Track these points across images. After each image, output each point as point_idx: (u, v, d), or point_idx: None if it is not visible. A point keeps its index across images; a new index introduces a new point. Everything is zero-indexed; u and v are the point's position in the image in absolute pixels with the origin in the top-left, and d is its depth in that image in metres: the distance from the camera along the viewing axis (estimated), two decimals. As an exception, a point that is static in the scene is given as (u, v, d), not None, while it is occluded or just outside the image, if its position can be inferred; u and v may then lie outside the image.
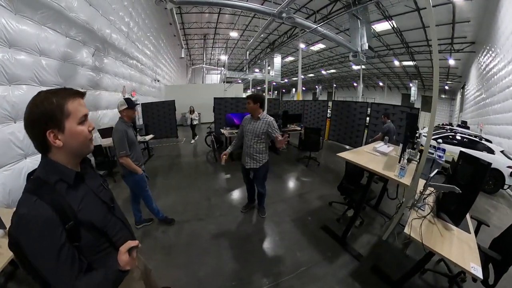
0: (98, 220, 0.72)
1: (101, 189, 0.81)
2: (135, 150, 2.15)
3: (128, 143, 2.01)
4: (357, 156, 2.23)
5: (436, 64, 1.31)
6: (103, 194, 0.80)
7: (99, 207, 0.75)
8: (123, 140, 1.97)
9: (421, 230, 1.38)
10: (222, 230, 2.55)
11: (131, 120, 2.13)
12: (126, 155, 1.99)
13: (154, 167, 4.86)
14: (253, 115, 2.36)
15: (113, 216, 0.81)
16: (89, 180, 0.77)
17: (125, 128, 2.01)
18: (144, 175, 2.26)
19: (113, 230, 0.78)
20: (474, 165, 1.38)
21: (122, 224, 0.85)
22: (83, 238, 0.66)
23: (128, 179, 2.17)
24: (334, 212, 2.96)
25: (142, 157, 2.30)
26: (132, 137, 2.09)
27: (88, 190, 0.74)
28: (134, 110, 2.13)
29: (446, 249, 1.29)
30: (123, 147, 1.97)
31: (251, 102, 2.28)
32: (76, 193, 0.68)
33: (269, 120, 2.30)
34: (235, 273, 1.95)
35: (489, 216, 3.23)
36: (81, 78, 3.79)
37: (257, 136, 2.32)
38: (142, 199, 2.35)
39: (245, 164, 2.48)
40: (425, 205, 1.66)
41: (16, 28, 2.45)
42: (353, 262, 2.09)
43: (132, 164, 2.05)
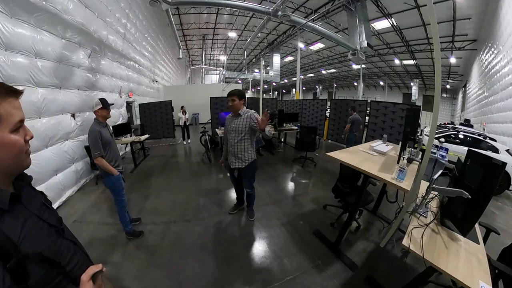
0: (47, 248, 0.57)
1: (44, 209, 0.66)
2: (111, 150, 2.13)
3: (103, 143, 2.01)
4: (350, 155, 2.03)
5: (438, 60, 1.13)
6: (48, 216, 0.65)
7: (46, 233, 0.61)
8: (96, 141, 1.97)
9: (423, 241, 1.19)
10: (208, 233, 2.46)
11: (105, 120, 2.13)
12: (100, 155, 2.00)
13: (148, 167, 4.85)
14: (234, 112, 2.22)
15: (64, 239, 0.67)
16: (28, 200, 0.62)
17: (99, 128, 2.01)
18: (121, 177, 2.21)
19: (67, 257, 0.64)
20: (485, 166, 1.18)
21: (76, 247, 0.71)
22: (32, 275, 0.51)
23: (105, 180, 2.15)
24: (328, 216, 2.78)
25: (119, 158, 2.25)
26: (106, 137, 2.07)
27: (29, 213, 0.59)
28: (108, 110, 2.13)
29: (451, 265, 1.09)
30: (97, 148, 1.98)
31: (236, 99, 2.16)
32: (15, 220, 0.54)
33: (249, 114, 2.19)
34: (216, 278, 1.86)
35: (494, 218, 3.08)
36: (77, 79, 3.81)
37: (240, 133, 2.21)
38: (116, 204, 2.26)
39: (230, 164, 2.36)
40: (428, 211, 1.46)
41: (12, 31, 2.51)
42: (346, 272, 1.90)
43: (106, 165, 2.03)
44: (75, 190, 3.51)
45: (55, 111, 3.22)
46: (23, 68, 2.66)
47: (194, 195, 3.39)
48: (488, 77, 7.75)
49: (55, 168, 3.13)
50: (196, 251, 2.16)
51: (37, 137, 2.79)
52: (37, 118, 2.87)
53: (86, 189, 3.67)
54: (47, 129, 3.00)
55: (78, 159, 3.71)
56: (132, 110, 7.19)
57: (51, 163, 3.05)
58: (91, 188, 3.68)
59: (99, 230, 2.51)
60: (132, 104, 7.14)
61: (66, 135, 3.45)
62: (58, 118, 3.27)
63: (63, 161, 3.31)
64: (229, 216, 2.77)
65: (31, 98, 2.77)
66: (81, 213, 2.89)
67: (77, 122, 3.72)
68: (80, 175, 3.73)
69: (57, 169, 3.18)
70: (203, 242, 2.30)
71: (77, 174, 3.63)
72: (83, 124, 3.85)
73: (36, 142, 2.80)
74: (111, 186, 2.15)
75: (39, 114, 2.90)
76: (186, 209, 2.95)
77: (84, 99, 3.94)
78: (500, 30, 6.55)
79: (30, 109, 2.74)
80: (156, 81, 10.48)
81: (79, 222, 2.66)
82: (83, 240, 2.21)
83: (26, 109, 2.65)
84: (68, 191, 3.33)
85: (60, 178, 3.20)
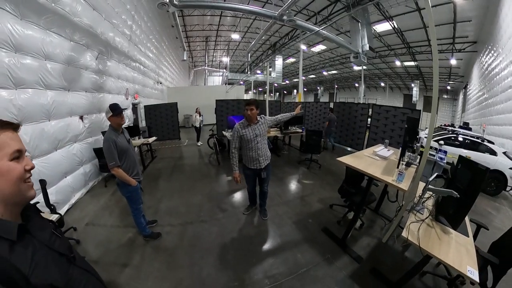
0: (58, 279, 0.56)
1: (55, 239, 0.65)
2: (128, 159, 2.03)
3: (118, 152, 1.91)
4: (356, 160, 2.26)
5: (436, 65, 1.34)
6: (58, 245, 0.64)
7: (57, 262, 0.60)
8: (111, 150, 1.87)
9: (419, 233, 1.41)
10: (224, 232, 2.59)
11: (120, 126, 2.00)
12: (116, 166, 1.89)
13: (157, 169, 4.93)
14: (251, 120, 2.38)
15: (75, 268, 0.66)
16: (37, 231, 0.61)
17: (113, 137, 1.90)
18: (139, 187, 2.16)
19: (79, 286, 0.64)
20: (472, 170, 1.40)
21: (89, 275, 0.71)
22: None
23: (122, 190, 2.09)
24: (334, 214, 2.99)
25: (137, 165, 2.16)
26: (122, 145, 1.96)
27: (38, 243, 0.58)
28: (122, 116, 1.97)
29: (443, 253, 1.31)
30: (112, 158, 1.87)
31: (254, 108, 2.31)
32: (24, 251, 0.53)
33: (266, 118, 2.50)
34: (237, 273, 1.99)
35: (491, 218, 3.21)
36: (85, 81, 3.85)
37: (264, 136, 2.46)
38: (131, 211, 2.26)
39: (258, 166, 2.46)
40: (424, 209, 1.68)
41: (22, 33, 2.50)
42: (353, 264, 2.11)
43: (124, 175, 1.95)
44: (84, 192, 3.54)
45: (64, 113, 3.23)
46: (33, 70, 2.65)
47: (207, 196, 3.49)
48: (488, 79, 7.84)
49: (65, 171, 3.15)
50: (216, 250, 2.26)
51: (47, 140, 2.84)
52: (46, 121, 2.89)
53: (95, 191, 3.70)
54: (56, 131, 3.02)
55: (87, 162, 3.73)
56: (137, 112, 7.23)
57: (61, 165, 3.06)
58: (100, 191, 3.71)
59: (114, 233, 2.53)
60: (137, 106, 7.18)
61: (75, 138, 3.46)
62: (66, 120, 3.29)
63: (72, 163, 3.32)
64: (243, 216, 2.91)
65: (41, 101, 2.77)
66: (93, 215, 2.90)
67: (85, 124, 3.75)
68: (89, 178, 3.76)
69: (66, 172, 3.19)
70: (221, 241, 2.41)
71: (85, 177, 3.65)
72: (91, 126, 3.89)
73: (46, 145, 2.82)
74: (128, 195, 2.10)
75: (49, 117, 2.92)
76: (201, 211, 3.05)
77: (91, 101, 3.96)
78: (500, 32, 6.63)
79: (40, 111, 2.75)
80: (161, 83, 10.60)
81: (92, 225, 2.68)
82: (99, 243, 2.34)
83: (37, 112, 2.71)
84: (77, 194, 3.35)
85: (69, 180, 3.21)
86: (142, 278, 1.92)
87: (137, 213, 2.26)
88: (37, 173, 2.56)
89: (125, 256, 2.16)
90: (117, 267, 2.02)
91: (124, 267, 2.02)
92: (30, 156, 2.55)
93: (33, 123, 2.67)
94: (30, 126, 2.60)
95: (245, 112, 2.34)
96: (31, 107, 2.61)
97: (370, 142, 5.70)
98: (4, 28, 2.32)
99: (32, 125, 2.64)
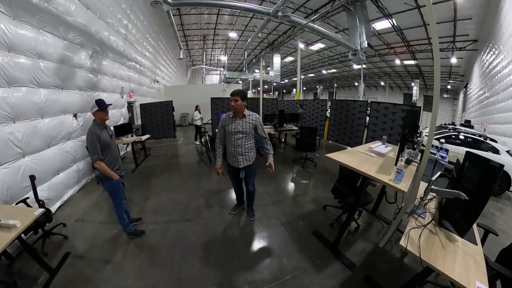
0: None
1: None
2: (110, 153, 2.09)
3: (101, 146, 1.98)
4: (349, 157, 2.04)
5: (437, 59, 1.14)
6: None
7: None
8: (94, 144, 1.93)
9: (420, 241, 1.20)
10: (208, 232, 2.49)
11: (103, 122, 2.09)
12: (99, 159, 1.95)
13: (149, 167, 4.89)
14: (237, 113, 2.22)
15: None
16: None
17: (97, 131, 1.97)
18: (121, 181, 2.19)
19: None
20: (482, 168, 1.19)
21: None
22: None
23: (104, 184, 2.12)
24: (328, 216, 2.80)
25: (119, 161, 2.22)
26: (105, 140, 2.02)
27: None
28: (106, 112, 2.07)
29: (448, 266, 1.10)
30: (95, 151, 1.94)
31: (239, 99, 2.14)
32: None
33: (255, 116, 2.25)
34: (217, 276, 1.88)
35: (494, 219, 3.08)
36: (79, 79, 3.84)
37: (246, 134, 2.24)
38: (114, 206, 2.26)
39: (236, 165, 2.33)
40: (426, 212, 1.48)
41: (15, 32, 2.53)
42: (345, 272, 1.92)
43: (106, 169, 2.00)
44: (77, 189, 3.54)
45: (58, 111, 3.25)
46: (26, 69, 2.69)
47: (194, 195, 3.41)
48: (489, 77, 7.73)
49: (57, 168, 3.16)
50: (197, 250, 2.18)
51: (39, 137, 2.85)
52: (39, 118, 2.91)
53: (87, 188, 3.69)
54: (50, 129, 3.04)
55: (80, 159, 3.73)
56: (133, 110, 7.22)
57: (53, 162, 3.08)
58: (92, 188, 3.70)
59: (100, 229, 2.53)
60: (133, 104, 7.18)
61: (68, 135, 3.48)
62: (60, 118, 3.30)
63: (65, 160, 3.34)
64: (230, 216, 2.79)
65: (34, 99, 2.79)
66: (83, 212, 2.91)
67: (79, 122, 3.75)
68: (82, 175, 3.76)
69: (59, 169, 3.20)
70: (204, 241, 2.32)
71: (78, 174, 3.66)
72: (85, 124, 3.86)
73: (39, 142, 2.83)
74: (110, 190, 2.14)
75: (42, 115, 2.94)
76: (187, 209, 2.97)
77: (85, 100, 3.96)
78: (501, 30, 6.53)
79: (33, 109, 2.77)
80: (157, 82, 10.50)
81: (81, 221, 2.69)
82: (86, 239, 2.29)
83: (30, 110, 2.72)
84: (70, 191, 3.37)
85: (62, 177, 3.23)
86: (122, 275, 1.89)
87: (120, 208, 2.26)
88: (29, 169, 2.59)
89: (108, 253, 2.15)
90: (99, 263, 2.02)
91: (106, 263, 2.01)
92: (22, 153, 2.58)
93: (26, 121, 2.69)
94: (23, 123, 2.63)
95: (230, 103, 2.19)
96: (24, 105, 2.64)
97: (368, 140, 5.51)
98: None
99: (25, 123, 2.67)
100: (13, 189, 2.33)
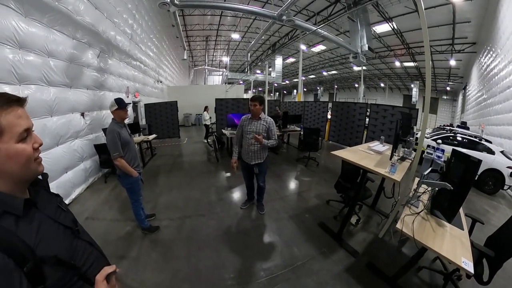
0: (63, 251, 0.58)
1: (60, 212, 0.67)
2: (130, 151, 2.10)
3: (122, 144, 1.98)
4: (351, 154, 2.29)
5: (428, 64, 1.35)
6: (63, 218, 0.66)
7: (62, 235, 0.62)
8: (115, 141, 1.93)
9: (414, 225, 1.42)
10: (222, 226, 2.61)
11: (123, 120, 2.09)
12: (120, 156, 1.97)
13: (157, 165, 4.97)
14: (254, 116, 2.48)
15: (80, 240, 0.67)
16: (44, 205, 0.63)
17: (117, 128, 1.97)
18: (139, 178, 2.22)
19: (82, 258, 0.65)
20: (465, 162, 1.41)
21: (92, 248, 0.71)
22: (49, 278, 0.52)
23: (123, 181, 2.14)
24: (331, 210, 3.00)
25: (137, 158, 2.26)
26: (125, 137, 2.04)
27: (44, 217, 0.60)
28: (126, 111, 2.07)
29: (437, 244, 1.32)
30: (116, 149, 1.94)
31: (257, 104, 2.40)
32: (30, 225, 0.54)
33: (270, 120, 2.49)
34: (233, 265, 2.00)
35: (489, 216, 3.22)
36: (86, 78, 3.89)
37: (260, 135, 2.46)
38: (131, 203, 2.31)
39: (249, 162, 2.57)
40: (419, 202, 1.69)
41: (26, 30, 2.55)
42: (349, 258, 2.12)
43: (126, 166, 2.02)
44: (84, 188, 3.56)
45: (66, 110, 3.27)
46: (36, 67, 2.70)
47: (205, 192, 3.52)
48: (487, 79, 7.87)
49: (66, 166, 3.19)
50: (213, 243, 2.29)
51: (48, 135, 2.88)
52: (49, 117, 2.93)
53: (95, 187, 3.73)
54: (58, 127, 3.06)
55: (87, 158, 3.76)
56: (138, 110, 7.29)
57: (62, 161, 3.10)
58: (100, 186, 3.73)
59: (113, 226, 2.55)
60: (138, 104, 7.24)
61: (76, 134, 3.51)
62: (68, 116, 3.33)
63: (72, 159, 3.36)
64: (241, 211, 2.94)
65: (43, 97, 2.82)
66: (93, 210, 2.92)
67: (86, 121, 3.79)
68: (89, 173, 3.79)
69: (67, 167, 3.23)
70: (218, 234, 2.43)
71: (86, 172, 3.68)
72: (92, 123, 3.92)
73: (48, 140, 2.85)
74: (128, 186, 2.16)
75: (51, 113, 2.96)
76: (199, 205, 3.08)
77: (92, 99, 4.01)
78: (499, 33, 6.67)
79: (42, 107, 2.79)
80: (161, 82, 10.63)
81: (91, 219, 2.71)
82: (98, 236, 2.33)
83: (39, 108, 2.75)
84: (78, 189, 3.39)
85: (70, 176, 3.25)
86: (139, 269, 1.93)
87: (137, 205, 2.31)
88: None
89: (123, 249, 2.18)
90: (115, 258, 2.04)
91: (122, 259, 2.05)
92: None
93: (36, 119, 2.71)
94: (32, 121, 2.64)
95: (250, 106, 2.46)
96: (34, 103, 2.66)
97: (368, 141, 5.68)
98: (9, 25, 2.37)
99: (35, 121, 2.63)
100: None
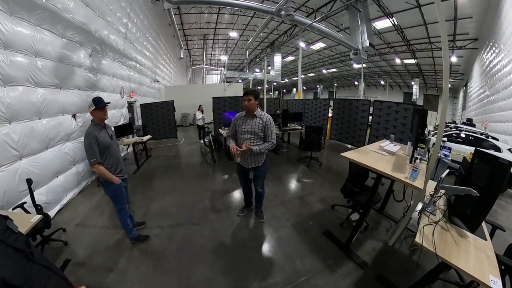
0: (13, 275, 0.54)
1: (9, 233, 0.63)
2: (110, 155, 1.92)
3: (100, 148, 1.82)
4: (362, 156, 2.07)
5: (446, 60, 1.18)
6: (13, 240, 0.62)
7: (12, 258, 0.57)
8: (91, 146, 1.77)
9: (434, 238, 1.25)
10: (216, 235, 2.42)
11: (102, 121, 1.93)
12: (97, 162, 1.79)
13: (152, 168, 4.83)
14: (249, 113, 2.19)
15: (35, 264, 0.63)
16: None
17: (95, 132, 1.81)
18: (123, 185, 2.05)
19: (41, 284, 0.60)
20: (491, 165, 1.24)
21: (50, 272, 0.66)
22: None
23: (105, 188, 1.98)
24: (337, 216, 2.81)
25: (121, 163, 2.07)
26: (104, 141, 1.86)
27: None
28: (105, 111, 1.90)
29: (462, 260, 1.15)
30: (93, 155, 1.78)
31: (252, 99, 2.09)
32: None
33: (267, 117, 2.18)
34: (228, 282, 1.82)
35: (496, 216, 3.11)
36: (78, 79, 3.75)
37: (256, 134, 2.17)
38: (117, 211, 2.13)
39: (245, 165, 2.29)
40: (436, 209, 1.52)
41: (11, 29, 2.44)
42: (357, 271, 1.94)
43: (106, 173, 1.85)
44: (77, 192, 3.44)
45: (56, 111, 3.15)
46: (23, 68, 2.59)
47: (200, 197, 3.33)
48: (490, 76, 7.76)
49: (56, 170, 3.06)
50: (206, 255, 2.11)
51: (36, 139, 2.74)
52: (37, 119, 2.80)
53: (87, 191, 3.58)
54: (47, 130, 2.93)
55: (79, 161, 3.62)
56: (133, 110, 7.17)
57: (52, 165, 2.97)
58: (93, 191, 3.59)
59: (102, 234, 2.42)
60: (133, 104, 7.12)
61: (67, 136, 3.37)
62: (58, 118, 3.20)
63: (63, 163, 3.23)
64: (238, 218, 2.73)
65: (30, 99, 2.68)
66: (83, 216, 2.80)
67: (78, 122, 3.64)
68: (81, 177, 3.64)
69: (58, 171, 3.10)
70: (212, 245, 2.24)
71: (78, 176, 3.54)
72: (84, 125, 3.74)
73: (36, 144, 2.72)
74: (111, 195, 1.99)
75: (39, 115, 2.83)
76: (193, 212, 2.89)
77: (85, 100, 3.82)
78: (502, 29, 6.55)
79: (29, 109, 2.67)
80: (158, 81, 10.49)
81: (81, 226, 2.58)
82: (87, 245, 2.22)
83: (26, 110, 2.62)
84: (70, 194, 3.27)
85: (61, 180, 3.13)
86: (127, 284, 1.80)
87: (123, 213, 2.14)
88: (26, 172, 2.50)
89: (111, 260, 2.05)
90: (102, 271, 1.93)
91: (110, 271, 1.92)
92: (19, 155, 2.49)
93: (23, 121, 2.59)
94: (19, 124, 2.53)
95: (243, 102, 2.14)
96: (21, 105, 2.55)
97: (371, 139, 5.56)
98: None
99: (22, 123, 2.57)
100: (9, 194, 2.23)
